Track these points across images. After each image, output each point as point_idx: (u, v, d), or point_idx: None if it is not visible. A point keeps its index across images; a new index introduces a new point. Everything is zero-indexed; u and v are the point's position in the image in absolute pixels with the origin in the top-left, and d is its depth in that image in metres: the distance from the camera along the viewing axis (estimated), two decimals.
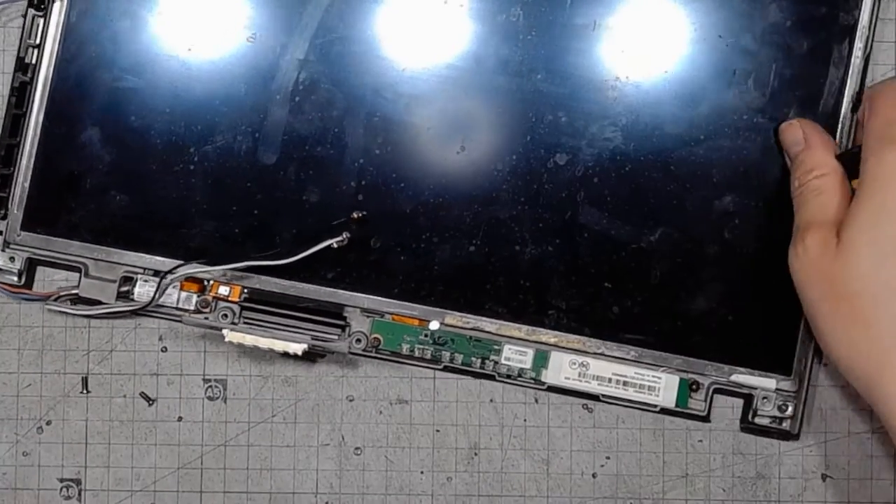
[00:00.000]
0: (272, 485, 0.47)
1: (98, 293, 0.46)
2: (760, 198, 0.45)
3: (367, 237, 0.45)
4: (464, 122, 0.45)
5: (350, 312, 0.46)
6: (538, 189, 0.45)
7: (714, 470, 0.46)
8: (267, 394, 0.47)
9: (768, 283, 0.45)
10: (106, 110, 0.45)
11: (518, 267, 0.45)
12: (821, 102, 0.45)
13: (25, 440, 0.47)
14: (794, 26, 0.44)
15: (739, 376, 0.45)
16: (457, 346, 0.46)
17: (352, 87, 0.45)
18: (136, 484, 0.47)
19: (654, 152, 0.45)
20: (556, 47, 0.45)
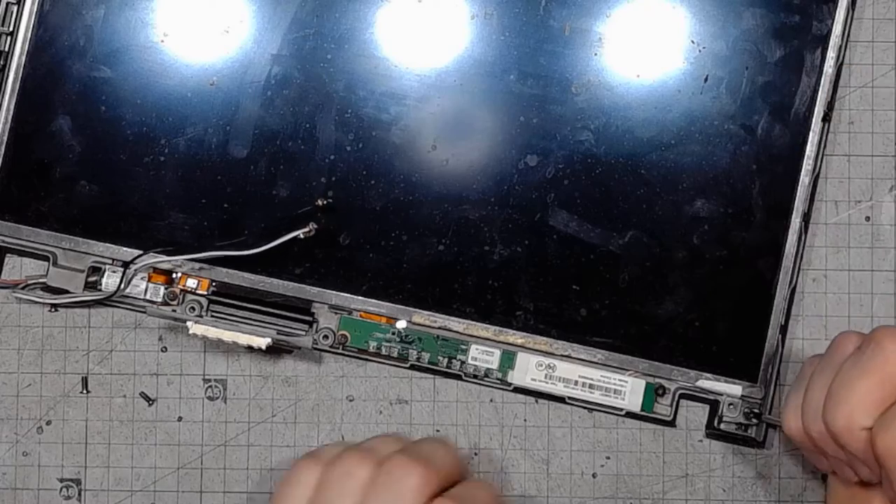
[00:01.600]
0: (272, 485, 0.46)
1: (66, 283, 0.46)
2: (730, 204, 0.45)
3: (336, 233, 0.45)
4: (436, 121, 0.45)
5: (318, 308, 0.46)
6: (508, 190, 0.45)
7: (714, 470, 0.46)
8: (267, 394, 0.47)
9: (736, 290, 0.45)
10: (78, 99, 0.45)
11: (487, 267, 0.45)
12: (792, 111, 0.45)
13: (25, 440, 0.46)
14: (768, 34, 0.45)
15: (705, 382, 0.45)
16: (424, 345, 0.46)
17: (324, 83, 0.45)
18: (136, 484, 0.46)
19: (625, 156, 0.45)
20: (529, 49, 0.45)
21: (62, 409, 0.47)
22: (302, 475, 0.39)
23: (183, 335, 0.47)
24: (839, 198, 0.46)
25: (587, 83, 0.45)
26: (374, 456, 0.38)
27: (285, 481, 0.39)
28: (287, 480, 0.39)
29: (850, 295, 0.46)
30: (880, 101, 0.46)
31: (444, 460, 0.39)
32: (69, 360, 0.47)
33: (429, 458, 0.38)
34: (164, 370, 0.47)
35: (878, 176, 0.46)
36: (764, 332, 0.45)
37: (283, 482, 0.39)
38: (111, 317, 0.47)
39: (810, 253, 0.46)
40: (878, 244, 0.46)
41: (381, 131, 0.45)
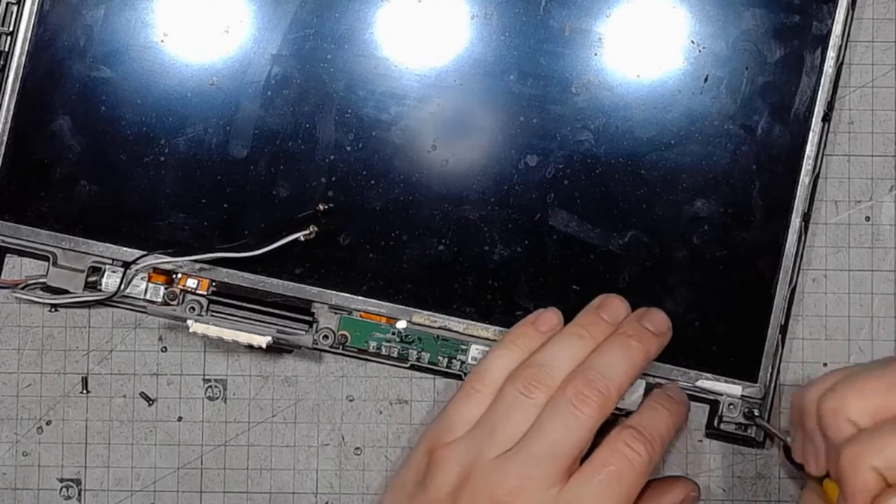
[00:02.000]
0: (272, 485, 0.46)
1: (66, 283, 0.46)
2: (730, 204, 0.45)
3: (336, 233, 0.45)
4: (436, 122, 0.45)
5: (318, 308, 0.46)
6: (508, 190, 0.45)
7: (714, 470, 0.46)
8: (267, 394, 0.47)
9: (736, 290, 0.45)
10: (78, 99, 0.45)
11: (487, 267, 0.45)
12: (792, 111, 0.45)
13: (25, 440, 0.46)
14: (768, 34, 0.45)
15: (705, 382, 0.45)
16: (424, 345, 0.46)
17: (324, 83, 0.45)
18: (136, 484, 0.46)
19: (625, 156, 0.45)
20: (529, 49, 0.45)
21: (62, 409, 0.47)
22: (477, 392, 0.42)
23: (183, 335, 0.47)
24: (839, 198, 0.46)
25: (587, 83, 0.45)
26: (551, 376, 0.41)
27: (459, 394, 0.42)
28: (461, 394, 0.42)
29: (850, 295, 0.46)
30: (880, 101, 0.46)
31: (627, 375, 0.41)
32: (69, 360, 0.47)
33: (610, 382, 0.40)
34: (164, 370, 0.47)
35: (878, 176, 0.46)
36: (764, 332, 0.45)
37: (457, 394, 0.42)
38: (111, 317, 0.47)
39: (810, 253, 0.46)
40: (878, 244, 0.46)
41: (381, 131, 0.45)
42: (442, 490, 0.40)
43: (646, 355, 0.42)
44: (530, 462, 0.39)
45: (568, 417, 0.40)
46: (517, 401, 0.40)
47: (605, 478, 0.39)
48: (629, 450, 0.40)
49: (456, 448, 0.41)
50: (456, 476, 0.40)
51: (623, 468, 0.40)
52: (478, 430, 0.41)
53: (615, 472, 0.40)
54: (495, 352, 0.42)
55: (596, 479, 0.39)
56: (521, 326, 0.43)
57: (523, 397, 0.40)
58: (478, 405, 0.41)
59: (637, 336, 0.42)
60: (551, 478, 0.39)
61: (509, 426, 0.40)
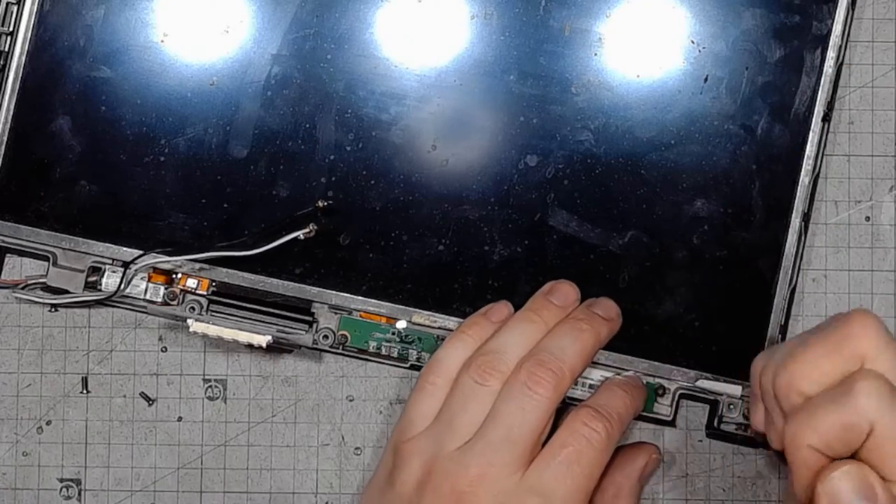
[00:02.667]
0: (272, 485, 0.46)
1: (66, 283, 0.46)
2: (730, 204, 0.45)
3: (336, 233, 0.45)
4: (436, 122, 0.45)
5: (318, 308, 0.46)
6: (508, 190, 0.45)
7: (714, 470, 0.46)
8: (267, 394, 0.47)
9: (736, 290, 0.45)
10: (78, 99, 0.45)
11: (486, 267, 0.45)
12: (792, 111, 0.45)
13: (25, 440, 0.46)
14: (768, 34, 0.45)
15: (705, 382, 0.45)
16: (424, 345, 0.46)
17: (324, 83, 0.45)
18: (136, 484, 0.46)
19: (625, 156, 0.45)
20: (529, 49, 0.45)
21: (62, 409, 0.47)
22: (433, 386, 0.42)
23: (183, 335, 0.47)
24: (839, 198, 0.46)
25: (587, 83, 0.45)
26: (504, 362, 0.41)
27: (415, 390, 0.43)
28: (417, 390, 0.43)
29: (850, 295, 0.46)
30: (880, 101, 0.46)
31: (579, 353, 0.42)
32: (69, 360, 0.47)
33: (563, 360, 0.41)
34: (164, 370, 0.47)
35: (878, 176, 0.46)
36: (764, 332, 0.45)
37: (413, 391, 0.43)
38: (111, 317, 0.47)
39: (810, 253, 0.46)
40: (878, 244, 0.46)
41: (381, 131, 0.45)
42: (407, 485, 0.40)
43: (596, 338, 0.42)
44: (489, 450, 0.40)
45: (523, 400, 0.40)
46: (472, 390, 0.41)
47: (565, 458, 0.40)
48: (587, 428, 0.40)
49: (417, 443, 0.41)
50: (419, 470, 0.40)
51: (582, 447, 0.40)
52: (437, 424, 0.41)
53: (574, 452, 0.40)
54: (448, 344, 0.43)
55: (556, 460, 0.40)
56: (472, 318, 0.44)
57: (478, 385, 0.41)
58: (434, 398, 0.42)
59: (587, 320, 0.42)
60: (511, 464, 0.39)
61: (466, 416, 0.40)
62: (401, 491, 0.40)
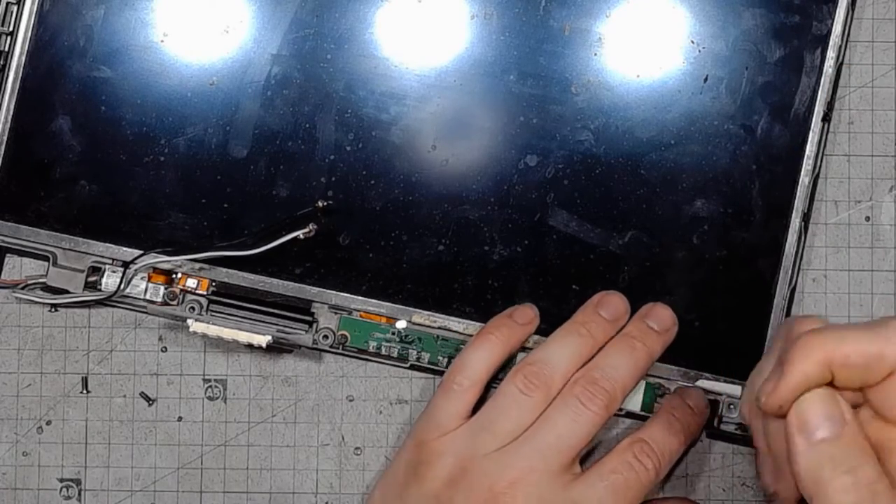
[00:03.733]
0: (272, 485, 0.46)
1: (66, 283, 0.46)
2: (730, 204, 0.45)
3: (335, 233, 0.45)
4: (435, 121, 0.45)
5: (318, 308, 0.46)
6: (508, 190, 0.45)
7: (714, 470, 0.46)
8: (267, 394, 0.47)
9: (736, 290, 0.45)
10: (77, 99, 0.45)
11: (486, 267, 0.45)
12: (792, 111, 0.45)
13: (25, 440, 0.46)
14: (768, 34, 0.45)
15: (705, 382, 0.45)
16: (424, 345, 0.46)
17: (324, 83, 0.45)
18: (136, 484, 0.46)
19: (625, 156, 0.45)
20: (529, 49, 0.45)
21: (62, 409, 0.47)
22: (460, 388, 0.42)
23: (183, 335, 0.47)
24: (839, 198, 0.46)
25: (587, 83, 0.45)
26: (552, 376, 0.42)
27: (440, 391, 0.43)
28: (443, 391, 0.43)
29: (850, 295, 0.46)
30: (880, 101, 0.46)
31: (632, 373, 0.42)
32: (69, 360, 0.47)
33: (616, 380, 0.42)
34: (164, 370, 0.47)
35: (878, 176, 0.46)
36: (764, 332, 0.45)
37: (438, 391, 0.43)
38: (111, 317, 0.47)
39: (810, 253, 0.46)
40: (878, 244, 0.46)
41: (381, 131, 0.45)
42: (437, 481, 0.41)
43: (650, 355, 0.43)
44: (534, 455, 0.40)
45: (576, 413, 0.41)
46: (515, 398, 0.41)
47: (611, 485, 0.40)
48: (638, 463, 0.41)
49: (450, 441, 0.41)
50: (452, 467, 0.41)
51: (630, 479, 0.41)
52: (474, 425, 0.41)
53: (622, 480, 0.40)
54: (473, 346, 0.43)
55: (602, 483, 0.40)
56: (497, 319, 0.44)
57: (522, 395, 0.41)
58: (462, 399, 0.42)
59: (641, 337, 0.43)
60: (553, 471, 0.40)
61: (508, 422, 0.41)
62: (430, 486, 0.41)
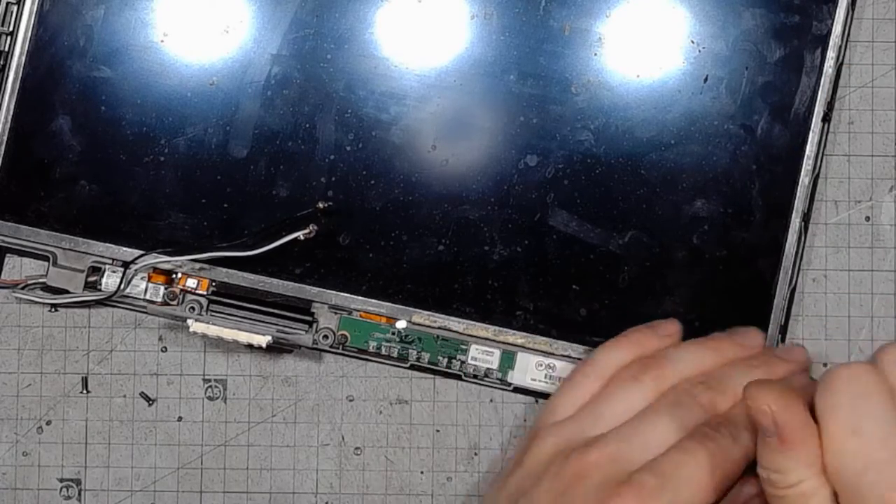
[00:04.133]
0: (272, 485, 0.46)
1: (66, 283, 0.46)
2: (730, 204, 0.45)
3: (336, 233, 0.45)
4: (436, 121, 0.45)
5: (318, 308, 0.46)
6: (508, 190, 0.45)
7: None
8: (267, 394, 0.47)
9: (736, 290, 0.45)
10: (77, 99, 0.45)
11: (486, 267, 0.45)
12: (792, 111, 0.45)
13: (25, 440, 0.46)
14: (768, 34, 0.45)
15: None
16: (424, 345, 0.46)
17: (324, 83, 0.45)
18: (136, 484, 0.46)
19: (625, 156, 0.45)
20: (529, 49, 0.45)
21: (62, 409, 0.47)
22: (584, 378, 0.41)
23: (183, 335, 0.47)
24: (839, 198, 0.46)
25: (587, 83, 0.45)
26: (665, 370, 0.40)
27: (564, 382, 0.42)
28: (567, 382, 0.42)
29: (850, 295, 0.46)
30: (880, 101, 0.46)
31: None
32: (69, 360, 0.47)
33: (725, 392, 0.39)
34: (164, 370, 0.47)
35: (878, 176, 0.46)
36: (764, 332, 0.45)
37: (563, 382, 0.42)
38: (111, 317, 0.47)
39: (810, 253, 0.46)
40: (878, 244, 0.46)
41: (381, 131, 0.45)
42: (535, 462, 0.40)
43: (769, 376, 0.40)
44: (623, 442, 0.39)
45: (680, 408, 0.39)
46: (624, 385, 0.40)
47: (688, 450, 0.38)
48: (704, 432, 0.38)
49: (557, 427, 0.40)
50: (551, 449, 0.40)
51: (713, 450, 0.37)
52: (582, 411, 0.41)
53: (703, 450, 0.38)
54: (608, 344, 0.42)
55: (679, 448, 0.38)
56: (638, 327, 0.43)
57: (632, 381, 0.40)
58: (582, 390, 0.41)
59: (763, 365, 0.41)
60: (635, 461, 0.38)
61: (610, 408, 0.40)
62: (529, 467, 0.40)
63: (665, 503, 0.36)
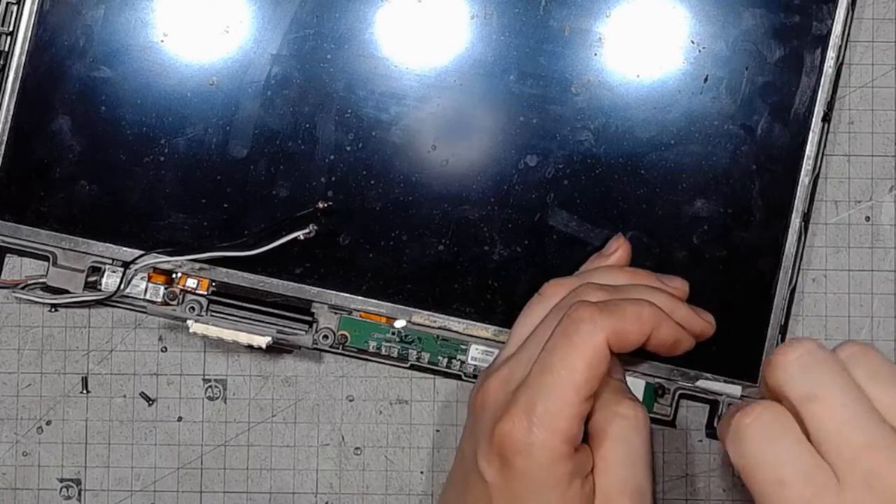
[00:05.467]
0: (272, 485, 0.46)
1: (66, 283, 0.46)
2: (730, 204, 0.45)
3: (335, 233, 0.45)
4: (435, 122, 0.45)
5: (318, 308, 0.46)
6: (508, 190, 0.45)
7: (714, 470, 0.46)
8: (267, 394, 0.47)
9: (736, 290, 0.45)
10: (77, 99, 0.45)
11: (486, 267, 0.45)
12: (792, 111, 0.45)
13: (25, 440, 0.46)
14: (768, 34, 0.45)
15: (705, 382, 0.45)
16: (424, 345, 0.46)
17: (324, 83, 0.45)
18: (136, 484, 0.46)
19: (625, 156, 0.45)
20: (529, 49, 0.45)
21: (62, 409, 0.47)
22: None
23: (183, 335, 0.47)
24: (839, 198, 0.46)
25: (587, 83, 0.45)
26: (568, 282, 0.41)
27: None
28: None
29: (849, 295, 0.46)
30: (880, 101, 0.46)
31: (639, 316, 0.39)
32: (69, 360, 0.47)
33: (617, 311, 0.38)
34: (164, 370, 0.47)
35: (878, 176, 0.46)
36: (764, 332, 0.45)
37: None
38: (111, 317, 0.47)
39: (810, 253, 0.46)
40: (878, 244, 0.46)
41: (381, 131, 0.45)
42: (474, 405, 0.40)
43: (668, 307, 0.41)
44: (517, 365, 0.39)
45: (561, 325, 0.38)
46: (531, 304, 0.41)
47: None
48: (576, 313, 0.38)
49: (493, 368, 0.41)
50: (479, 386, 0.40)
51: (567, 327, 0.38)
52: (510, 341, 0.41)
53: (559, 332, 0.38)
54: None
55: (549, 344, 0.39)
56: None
57: (538, 297, 0.41)
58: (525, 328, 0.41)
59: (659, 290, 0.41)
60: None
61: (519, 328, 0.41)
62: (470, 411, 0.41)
63: (541, 416, 0.37)
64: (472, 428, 0.39)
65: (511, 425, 0.37)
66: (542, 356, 0.38)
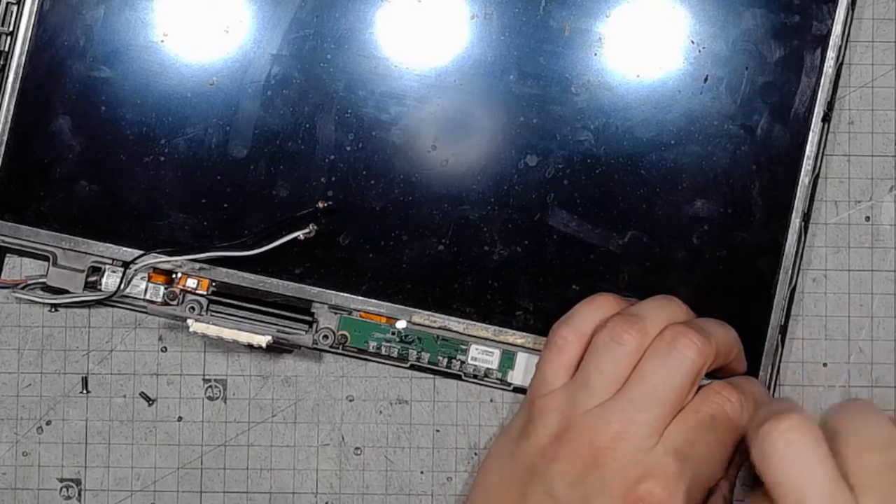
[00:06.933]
0: (272, 485, 0.46)
1: (66, 283, 0.46)
2: (730, 204, 0.45)
3: (335, 233, 0.45)
4: (436, 122, 0.45)
5: (318, 308, 0.46)
6: (508, 190, 0.45)
7: None
8: (267, 394, 0.47)
9: (736, 290, 0.45)
10: (77, 99, 0.45)
11: (486, 267, 0.45)
12: (792, 111, 0.45)
13: (25, 440, 0.46)
14: (768, 34, 0.45)
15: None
16: (424, 345, 0.46)
17: (324, 83, 0.45)
18: (136, 484, 0.47)
19: (625, 156, 0.45)
20: (529, 49, 0.45)
21: (62, 409, 0.47)
22: (564, 342, 0.42)
23: (183, 335, 0.47)
24: (839, 198, 0.46)
25: (587, 83, 0.45)
26: (644, 324, 0.41)
27: (546, 347, 0.42)
28: (549, 347, 0.42)
29: (849, 295, 0.46)
30: (880, 101, 0.46)
31: (723, 339, 0.41)
32: (69, 360, 0.47)
33: (709, 334, 0.40)
34: (164, 370, 0.47)
35: (878, 176, 0.46)
36: (764, 332, 0.45)
37: (545, 348, 0.42)
38: (111, 317, 0.47)
39: (810, 253, 0.46)
40: (878, 244, 0.46)
41: (381, 131, 0.45)
42: (543, 437, 0.40)
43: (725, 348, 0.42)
44: (631, 408, 0.39)
45: (668, 359, 0.40)
46: (607, 349, 0.40)
47: (698, 423, 0.39)
48: (720, 396, 0.40)
49: (554, 399, 0.41)
50: (556, 425, 0.40)
51: (716, 413, 0.40)
52: (573, 383, 0.41)
53: (707, 417, 0.39)
54: (583, 304, 0.43)
55: (689, 424, 0.39)
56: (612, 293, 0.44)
57: (613, 344, 0.40)
58: (566, 354, 0.42)
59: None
60: (653, 423, 0.39)
61: (601, 377, 0.40)
62: (536, 442, 0.40)
63: (688, 481, 0.38)
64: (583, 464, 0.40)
65: (659, 490, 0.38)
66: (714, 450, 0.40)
